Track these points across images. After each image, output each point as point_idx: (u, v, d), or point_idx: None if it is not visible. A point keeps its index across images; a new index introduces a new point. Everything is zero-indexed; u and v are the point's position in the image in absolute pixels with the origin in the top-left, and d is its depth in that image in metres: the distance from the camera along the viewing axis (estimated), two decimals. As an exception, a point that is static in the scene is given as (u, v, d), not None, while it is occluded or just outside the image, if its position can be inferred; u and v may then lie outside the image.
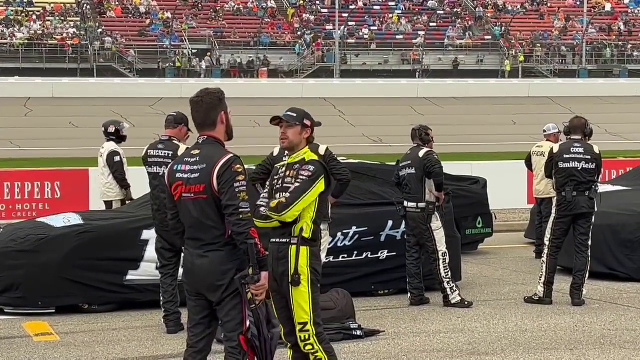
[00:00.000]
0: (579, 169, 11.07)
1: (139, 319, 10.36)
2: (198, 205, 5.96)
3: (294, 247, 6.59)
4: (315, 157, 6.72)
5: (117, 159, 13.54)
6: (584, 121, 11.46)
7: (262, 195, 6.89)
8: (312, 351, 6.61)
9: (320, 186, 6.61)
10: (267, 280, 5.91)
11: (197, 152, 6.04)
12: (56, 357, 8.73)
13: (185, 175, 6.01)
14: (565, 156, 11.13)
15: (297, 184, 6.58)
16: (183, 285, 6.24)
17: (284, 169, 6.80)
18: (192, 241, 6.06)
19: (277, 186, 6.73)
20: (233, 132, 6.19)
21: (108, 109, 43.73)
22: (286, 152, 9.84)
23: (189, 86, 48.98)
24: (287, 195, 6.56)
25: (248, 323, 5.94)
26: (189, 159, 6.05)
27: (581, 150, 11.15)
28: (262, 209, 6.67)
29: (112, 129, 13.71)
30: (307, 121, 6.77)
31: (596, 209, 11.26)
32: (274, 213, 6.56)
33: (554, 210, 11.27)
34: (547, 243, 11.26)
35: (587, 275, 11.20)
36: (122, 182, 13.59)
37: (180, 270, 6.29)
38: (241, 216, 5.84)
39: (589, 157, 11.13)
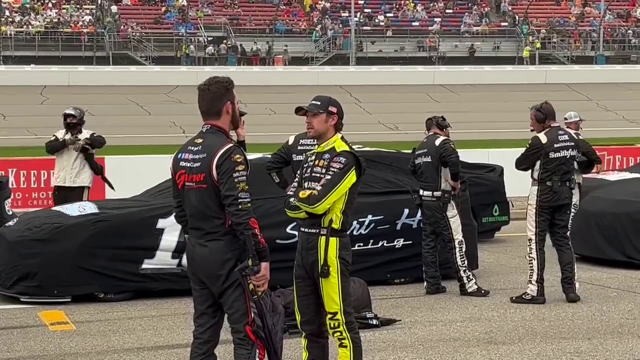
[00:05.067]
0: (568, 157, 10.58)
1: (155, 307, 10.35)
2: (199, 194, 5.93)
3: (323, 238, 6.56)
4: (346, 147, 6.63)
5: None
6: None
7: (291, 185, 6.85)
8: (340, 337, 6.63)
9: (351, 177, 6.56)
10: (267, 271, 5.86)
11: (200, 140, 5.99)
12: (72, 346, 8.72)
13: (188, 164, 5.97)
14: (555, 145, 10.50)
15: (329, 177, 6.52)
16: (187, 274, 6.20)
17: (313, 157, 6.73)
18: (193, 230, 6.02)
19: (306, 175, 6.68)
20: (238, 123, 6.15)
21: (124, 97, 43.84)
22: (301, 140, 9.97)
23: (205, 74, 48.68)
24: (319, 188, 6.50)
25: (252, 314, 5.90)
26: (192, 148, 6.00)
27: (567, 137, 10.64)
28: (291, 199, 6.62)
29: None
30: (332, 108, 6.68)
31: (574, 201, 10.99)
32: (304, 204, 6.50)
33: (534, 201, 10.56)
34: (533, 238, 10.48)
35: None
36: None
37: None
38: (240, 206, 5.78)
39: (573, 144, 10.66)
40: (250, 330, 5.92)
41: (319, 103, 6.70)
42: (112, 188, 13.54)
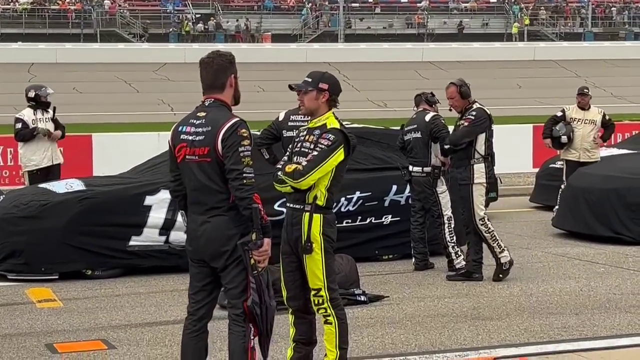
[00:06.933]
0: None
1: (142, 284, 10.33)
2: (202, 168, 5.86)
3: (307, 215, 6.52)
4: (337, 125, 6.59)
5: (17, 125, 13.17)
6: None
7: (282, 158, 6.82)
8: (325, 314, 6.61)
9: (339, 155, 6.51)
10: (270, 247, 5.83)
11: (203, 114, 5.91)
12: (59, 323, 8.70)
13: (190, 137, 5.89)
14: (492, 119, 10.54)
15: (316, 153, 6.48)
16: (186, 251, 6.15)
17: (304, 132, 6.70)
18: (195, 206, 5.94)
19: (296, 149, 6.65)
20: (240, 98, 6.08)
21: (112, 74, 43.65)
22: (291, 116, 9.93)
23: (193, 51, 48.72)
24: (305, 163, 6.46)
25: (251, 291, 5.88)
26: (195, 121, 5.92)
27: None
28: (279, 172, 6.59)
29: (31, 94, 13.21)
30: (323, 84, 6.61)
31: None
32: (289, 179, 6.47)
33: (484, 179, 10.43)
34: (485, 215, 10.36)
35: None
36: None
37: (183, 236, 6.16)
38: (244, 181, 5.72)
39: None
40: (247, 306, 5.89)
41: (310, 80, 6.64)
42: None
